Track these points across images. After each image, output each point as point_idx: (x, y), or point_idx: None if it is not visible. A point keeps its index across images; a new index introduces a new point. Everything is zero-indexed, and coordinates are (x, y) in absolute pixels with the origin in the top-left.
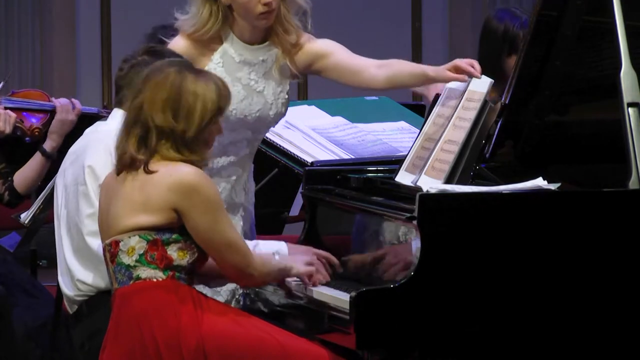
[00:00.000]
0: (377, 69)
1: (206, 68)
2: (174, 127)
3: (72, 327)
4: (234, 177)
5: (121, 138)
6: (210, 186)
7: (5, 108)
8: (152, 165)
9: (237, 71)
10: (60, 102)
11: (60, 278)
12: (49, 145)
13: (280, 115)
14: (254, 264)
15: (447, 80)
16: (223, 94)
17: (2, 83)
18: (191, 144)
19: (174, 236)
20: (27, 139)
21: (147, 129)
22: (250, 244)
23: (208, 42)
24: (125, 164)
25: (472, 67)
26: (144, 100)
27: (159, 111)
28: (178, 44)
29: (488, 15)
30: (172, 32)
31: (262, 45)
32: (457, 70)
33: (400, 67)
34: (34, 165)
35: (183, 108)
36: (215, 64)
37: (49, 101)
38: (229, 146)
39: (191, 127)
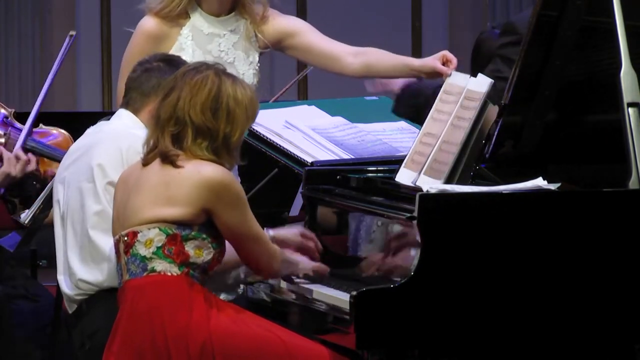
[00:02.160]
0: (353, 57)
1: (177, 43)
2: (216, 127)
3: (72, 327)
4: None
5: (153, 131)
6: (236, 182)
7: (26, 150)
8: (179, 161)
9: (207, 44)
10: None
11: (59, 277)
12: None
13: (253, 86)
14: (276, 254)
15: (431, 71)
16: (256, 103)
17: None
18: (233, 149)
19: (193, 233)
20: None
21: (183, 126)
22: None
23: (176, 18)
24: (156, 156)
25: (451, 62)
26: (180, 97)
27: (198, 110)
28: (148, 23)
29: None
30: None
31: (229, 16)
32: (444, 59)
33: (378, 57)
34: None
35: (223, 110)
36: (185, 37)
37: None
38: None
39: (236, 132)
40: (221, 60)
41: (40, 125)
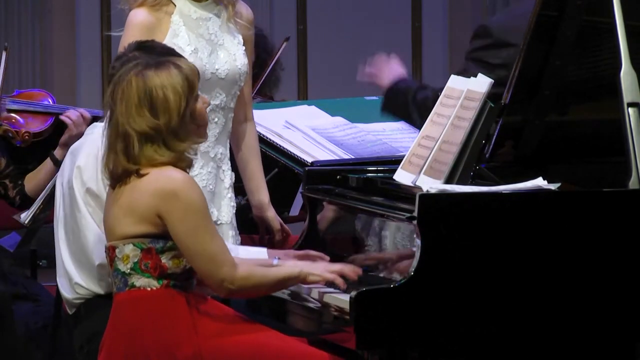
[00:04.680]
0: (240, 125)
1: (170, 30)
2: (157, 124)
3: (72, 328)
4: (219, 156)
5: (108, 156)
6: (194, 193)
7: (9, 110)
8: (144, 170)
9: (197, 28)
10: (72, 118)
11: (58, 280)
12: (59, 153)
13: (245, 65)
14: (231, 277)
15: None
16: (187, 71)
17: None
18: (180, 132)
19: (168, 244)
20: (17, 142)
21: (128, 139)
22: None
23: (161, 7)
24: (119, 178)
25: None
26: (118, 114)
27: (136, 117)
28: (138, 14)
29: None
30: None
31: (208, 2)
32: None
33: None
34: (45, 171)
35: (156, 103)
36: (177, 24)
37: (53, 102)
38: (210, 114)
39: (173, 117)
40: (213, 43)
41: (15, 91)
